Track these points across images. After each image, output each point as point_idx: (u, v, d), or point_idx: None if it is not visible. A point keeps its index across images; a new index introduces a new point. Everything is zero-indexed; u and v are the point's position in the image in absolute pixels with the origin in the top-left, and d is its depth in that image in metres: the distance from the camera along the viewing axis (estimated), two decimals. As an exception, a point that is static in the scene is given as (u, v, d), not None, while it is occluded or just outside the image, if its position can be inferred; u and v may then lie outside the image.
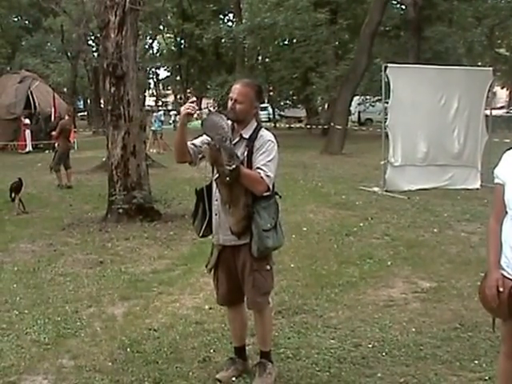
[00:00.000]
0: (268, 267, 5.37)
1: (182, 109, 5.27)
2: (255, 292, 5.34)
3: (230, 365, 5.68)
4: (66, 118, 20.53)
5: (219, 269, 5.52)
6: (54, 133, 19.99)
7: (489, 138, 17.77)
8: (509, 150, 4.35)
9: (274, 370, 5.55)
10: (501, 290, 4.13)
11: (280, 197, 5.45)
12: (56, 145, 20.23)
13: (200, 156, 5.27)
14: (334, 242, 11.06)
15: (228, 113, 5.27)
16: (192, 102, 5.27)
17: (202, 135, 5.34)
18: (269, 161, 5.17)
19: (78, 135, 35.52)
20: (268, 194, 5.24)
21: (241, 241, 5.26)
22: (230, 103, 5.32)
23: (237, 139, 5.25)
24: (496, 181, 4.35)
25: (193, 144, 5.37)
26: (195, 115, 5.27)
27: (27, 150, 32.99)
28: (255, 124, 5.36)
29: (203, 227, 5.43)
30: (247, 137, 5.27)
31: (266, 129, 5.44)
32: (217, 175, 5.13)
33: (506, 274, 4.17)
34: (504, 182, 4.23)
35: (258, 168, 5.12)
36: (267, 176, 5.12)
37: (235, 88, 5.33)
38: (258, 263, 5.29)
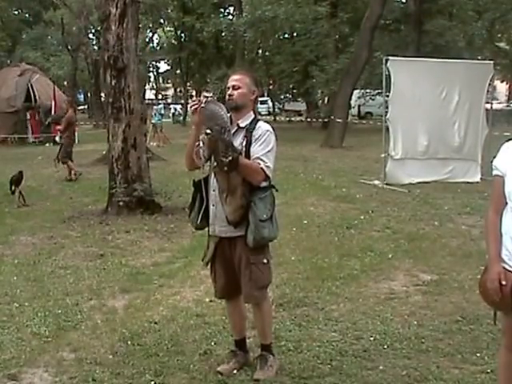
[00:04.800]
0: (265, 261, 5.36)
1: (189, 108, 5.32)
2: (252, 285, 5.32)
3: (232, 357, 5.67)
4: (70, 111, 20.50)
5: (216, 262, 5.51)
6: (59, 126, 19.94)
7: (489, 132, 17.75)
8: (507, 141, 4.29)
9: (276, 363, 5.55)
10: (503, 283, 4.08)
11: (277, 190, 5.44)
12: (57, 138, 20.20)
13: (197, 144, 5.22)
14: (334, 234, 11.05)
15: (227, 102, 5.27)
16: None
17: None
18: (268, 151, 5.19)
19: (78, 128, 35.48)
20: (265, 185, 5.25)
21: (237, 232, 5.24)
22: (227, 93, 5.34)
23: (234, 129, 5.25)
24: (495, 172, 4.28)
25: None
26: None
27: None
28: (253, 115, 5.37)
29: (199, 218, 5.41)
30: (244, 126, 5.28)
31: (265, 121, 5.44)
32: (215, 164, 5.12)
33: (507, 267, 4.12)
34: (504, 174, 4.16)
35: (258, 158, 5.13)
36: (267, 167, 5.14)
37: (231, 78, 5.43)
38: (255, 256, 5.27)
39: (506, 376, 4.47)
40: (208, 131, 4.96)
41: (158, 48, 71.05)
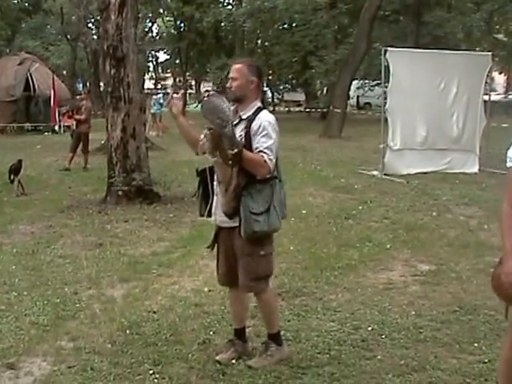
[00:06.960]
0: (262, 252, 5.30)
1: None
2: (246, 276, 5.31)
3: (230, 346, 5.67)
4: (88, 101, 20.59)
5: (219, 249, 5.55)
6: (79, 116, 19.90)
7: (487, 123, 17.76)
8: None
9: (279, 353, 5.53)
10: None
11: (280, 181, 5.43)
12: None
13: (201, 139, 5.24)
14: (333, 225, 11.06)
15: (228, 94, 5.26)
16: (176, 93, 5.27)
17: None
18: (271, 143, 5.15)
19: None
20: (267, 177, 5.23)
21: (234, 223, 5.24)
22: (227, 85, 5.35)
23: (237, 120, 5.23)
24: (509, 164, 4.09)
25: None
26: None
27: None
28: (257, 105, 5.33)
29: (207, 208, 5.43)
30: (246, 117, 5.26)
31: (271, 111, 5.43)
32: (217, 157, 5.12)
33: None
34: None
35: (261, 151, 5.10)
36: (270, 159, 5.11)
37: (231, 68, 5.41)
38: (251, 248, 5.25)
39: (507, 372, 4.42)
40: (210, 125, 4.97)
41: (158, 38, 70.83)
